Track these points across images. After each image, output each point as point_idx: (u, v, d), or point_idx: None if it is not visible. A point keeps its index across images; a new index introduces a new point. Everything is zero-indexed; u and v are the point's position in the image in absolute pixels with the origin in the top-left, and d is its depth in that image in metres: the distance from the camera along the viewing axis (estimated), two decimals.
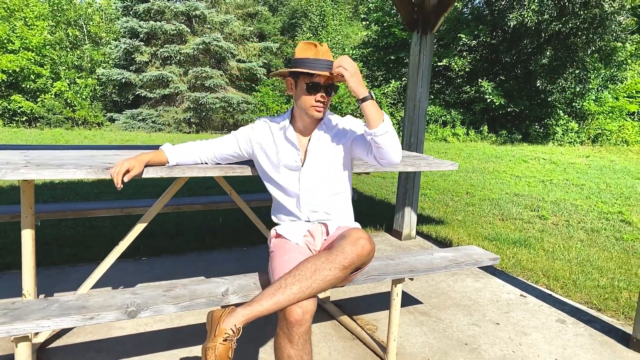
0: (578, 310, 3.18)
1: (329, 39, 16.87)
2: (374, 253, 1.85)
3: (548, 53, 13.97)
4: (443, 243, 4.58)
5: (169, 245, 4.01)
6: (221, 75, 15.35)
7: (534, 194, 7.56)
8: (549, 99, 15.07)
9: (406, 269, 2.30)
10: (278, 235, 2.06)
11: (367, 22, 18.13)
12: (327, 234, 2.06)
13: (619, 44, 14.16)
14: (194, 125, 15.48)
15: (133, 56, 15.24)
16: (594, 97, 16.83)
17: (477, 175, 9.24)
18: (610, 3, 12.85)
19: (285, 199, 2.08)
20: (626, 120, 18.71)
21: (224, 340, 1.58)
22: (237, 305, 1.87)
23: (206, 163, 2.17)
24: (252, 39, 16.90)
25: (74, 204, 2.92)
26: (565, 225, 5.61)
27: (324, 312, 2.96)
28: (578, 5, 13.17)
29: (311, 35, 16.72)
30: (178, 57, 15.16)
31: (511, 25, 14.20)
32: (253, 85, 16.59)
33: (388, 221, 5.01)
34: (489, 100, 15.05)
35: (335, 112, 16.07)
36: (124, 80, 15.08)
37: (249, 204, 3.33)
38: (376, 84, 17.22)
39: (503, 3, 14.90)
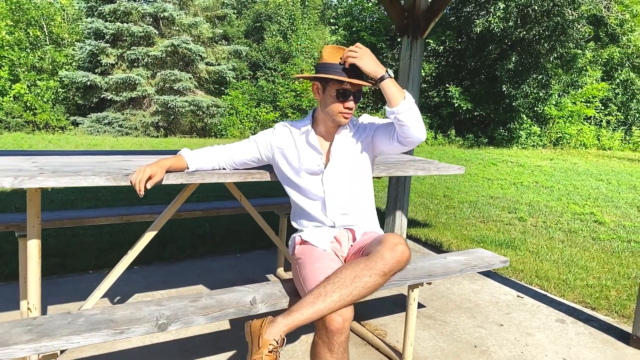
0: (574, 310, 3.27)
1: (299, 42, 16.86)
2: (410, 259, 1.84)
3: (513, 59, 14.40)
4: (434, 246, 4.63)
5: (160, 253, 3.90)
6: (190, 78, 15.08)
7: (508, 196, 7.75)
8: (514, 104, 15.52)
9: (424, 273, 2.31)
10: (303, 242, 2.02)
11: (336, 27, 18.22)
12: (354, 239, 2.04)
13: (579, 51, 14.74)
14: (162, 129, 15.15)
15: (98, 58, 14.79)
16: (554, 102, 17.44)
17: (451, 178, 9.40)
18: (571, 12, 13.36)
19: (308, 204, 2.05)
20: (583, 124, 19.51)
21: (269, 352, 1.54)
22: (266, 314, 1.83)
23: (224, 168, 2.12)
24: (221, 42, 16.69)
25: (71, 212, 2.79)
26: (543, 226, 5.78)
27: None
28: (540, 13, 13.64)
29: (280, 39, 16.68)
30: (146, 60, 14.81)
31: (477, 31, 14.56)
32: (222, 88, 16.38)
33: None
34: (456, 105, 15.37)
35: (297, 111, 16.07)
36: (88, 82, 14.61)
37: (240, 210, 3.27)
38: None
39: (469, 9, 15.27)
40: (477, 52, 15.55)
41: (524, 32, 13.74)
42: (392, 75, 1.88)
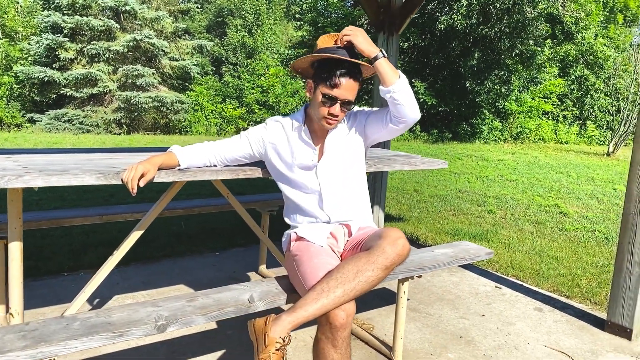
0: (550, 298, 3.38)
1: (264, 38, 16.72)
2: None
3: (476, 55, 14.73)
4: (411, 240, 4.69)
5: (137, 253, 3.79)
6: (153, 73, 14.74)
7: (476, 189, 7.94)
8: (477, 100, 15.90)
9: (415, 267, 2.34)
10: (299, 238, 2.01)
11: (301, 23, 18.18)
12: (350, 235, 2.04)
13: (538, 49, 15.22)
14: (124, 126, 14.75)
15: (56, 53, 14.25)
16: (514, 98, 17.96)
17: (419, 172, 9.55)
18: (530, 10, 13.76)
19: (303, 199, 2.04)
20: (542, 119, 20.19)
21: (276, 350, 1.52)
22: (265, 312, 1.81)
23: (215, 165, 2.08)
24: (184, 37, 16.38)
25: (49, 213, 2.69)
26: (512, 218, 5.95)
27: None
28: (501, 11, 13.99)
29: (245, 33, 16.50)
30: (107, 55, 14.38)
31: (441, 28, 14.81)
32: (186, 84, 16.09)
33: None
34: (421, 100, 15.61)
35: (274, 113, 15.95)
36: (46, 78, 14.06)
37: (222, 207, 3.23)
38: None
39: (433, 6, 15.51)
40: (440, 49, 15.83)
41: (486, 29, 14.08)
42: (386, 55, 1.91)
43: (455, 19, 13.99)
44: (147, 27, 14.91)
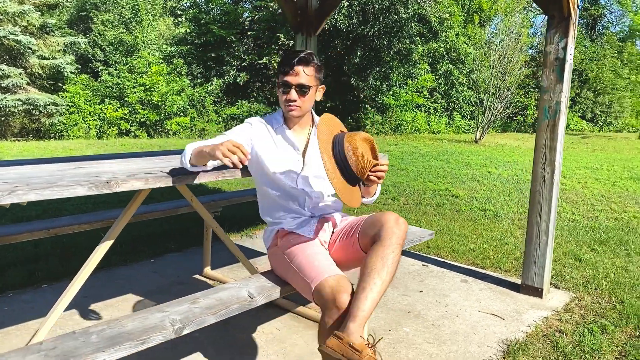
0: (470, 271, 3.84)
1: (144, 34, 15.94)
2: None
3: (358, 53, 15.52)
4: None
5: (66, 268, 3.56)
6: (20, 74, 13.34)
7: None
8: (361, 95, 16.77)
9: None
10: (287, 233, 2.12)
11: (182, 19, 17.64)
12: (334, 226, 2.20)
13: (413, 46, 16.47)
14: None
15: None
16: (392, 93, 19.24)
17: None
18: (404, 10, 14.85)
19: (287, 199, 2.15)
20: (416, 112, 21.86)
21: (370, 348, 1.63)
22: (265, 305, 1.91)
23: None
24: (53, 33, 15.01)
25: None
26: (414, 203, 6.50)
27: (275, 307, 3.04)
28: (380, 11, 14.91)
29: (124, 30, 15.56)
30: None
31: (324, 27, 15.37)
32: (60, 84, 14.79)
33: None
34: None
35: (159, 113, 15.27)
36: None
37: (177, 210, 3.20)
38: (198, 81, 16.91)
39: None
40: (325, 48, 16.41)
41: (367, 29, 14.91)
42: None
43: (338, 19, 14.62)
44: (10, 22, 13.42)
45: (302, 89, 2.09)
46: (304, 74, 2.09)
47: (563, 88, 3.08)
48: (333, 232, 2.20)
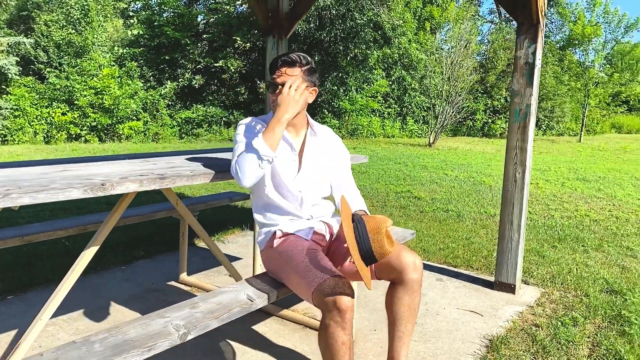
0: (444, 269, 3.94)
1: (95, 35, 15.37)
2: None
3: (316, 58, 15.60)
4: None
5: (29, 278, 3.38)
6: None
7: None
8: (318, 100, 16.84)
9: None
10: (285, 235, 2.10)
11: (134, 21, 17.16)
12: (331, 232, 2.21)
13: (369, 52, 16.71)
14: None
15: None
16: (348, 97, 19.45)
17: None
18: (360, 16, 15.06)
19: (283, 199, 2.14)
20: (371, 116, 22.19)
21: None
22: (264, 307, 1.88)
23: None
24: None
25: None
26: (379, 205, 6.59)
27: (259, 311, 3.00)
28: (336, 17, 15.06)
29: (73, 30, 14.92)
30: None
31: None
32: (3, 87, 14.04)
33: (252, 220, 5.13)
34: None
35: (112, 116, 14.73)
36: None
37: (155, 215, 3.11)
38: (151, 85, 16.48)
39: None
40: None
41: (324, 34, 15.02)
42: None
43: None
44: None
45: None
46: (289, 75, 2.10)
47: (533, 91, 3.22)
48: (329, 236, 2.21)
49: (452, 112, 17.97)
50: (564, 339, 2.77)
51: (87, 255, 2.06)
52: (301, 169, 2.15)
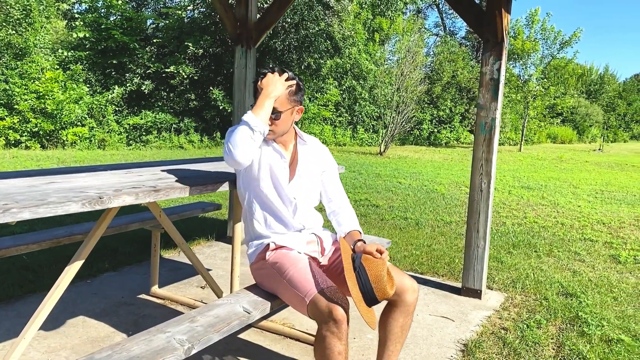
0: (412, 277, 4.04)
1: (38, 37, 14.66)
2: None
3: (271, 66, 15.59)
4: None
5: None
6: None
7: None
8: None
9: None
10: (277, 247, 2.11)
11: (78, 23, 16.52)
12: (322, 245, 2.24)
13: (322, 61, 16.89)
14: None
15: None
16: None
17: None
18: (314, 26, 15.23)
19: (276, 210, 2.16)
20: (323, 125, 22.41)
21: None
22: (261, 319, 1.89)
23: None
24: None
25: None
26: None
27: None
28: (290, 26, 15.15)
29: (13, 31, 14.15)
30: None
31: None
32: None
33: (218, 230, 5.07)
34: (221, 108, 15.81)
35: (54, 122, 14.04)
36: None
37: (128, 226, 3.04)
38: (97, 89, 15.90)
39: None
40: (234, 58, 16.28)
41: (278, 42, 15.05)
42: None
43: None
44: None
45: (279, 116, 2.13)
46: (279, 101, 2.13)
47: (497, 105, 3.40)
48: (321, 249, 2.25)
49: (401, 122, 18.44)
50: (531, 340, 2.93)
51: (72, 270, 1.99)
52: (295, 175, 2.18)
